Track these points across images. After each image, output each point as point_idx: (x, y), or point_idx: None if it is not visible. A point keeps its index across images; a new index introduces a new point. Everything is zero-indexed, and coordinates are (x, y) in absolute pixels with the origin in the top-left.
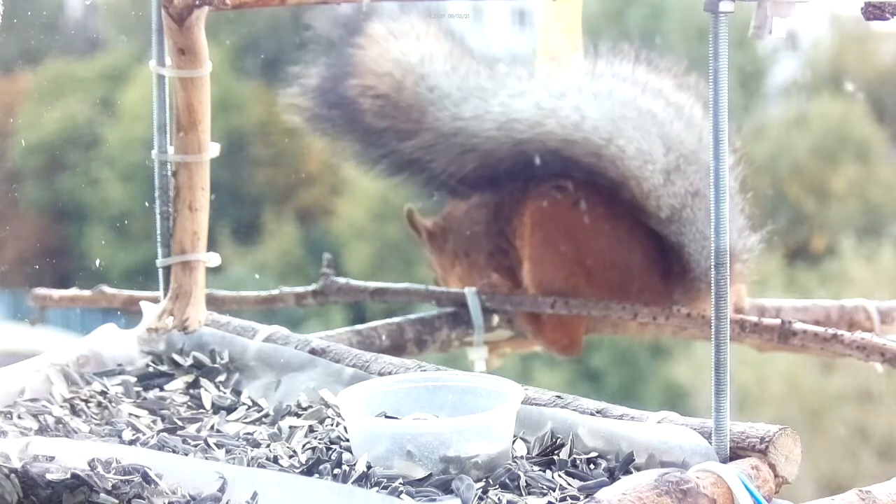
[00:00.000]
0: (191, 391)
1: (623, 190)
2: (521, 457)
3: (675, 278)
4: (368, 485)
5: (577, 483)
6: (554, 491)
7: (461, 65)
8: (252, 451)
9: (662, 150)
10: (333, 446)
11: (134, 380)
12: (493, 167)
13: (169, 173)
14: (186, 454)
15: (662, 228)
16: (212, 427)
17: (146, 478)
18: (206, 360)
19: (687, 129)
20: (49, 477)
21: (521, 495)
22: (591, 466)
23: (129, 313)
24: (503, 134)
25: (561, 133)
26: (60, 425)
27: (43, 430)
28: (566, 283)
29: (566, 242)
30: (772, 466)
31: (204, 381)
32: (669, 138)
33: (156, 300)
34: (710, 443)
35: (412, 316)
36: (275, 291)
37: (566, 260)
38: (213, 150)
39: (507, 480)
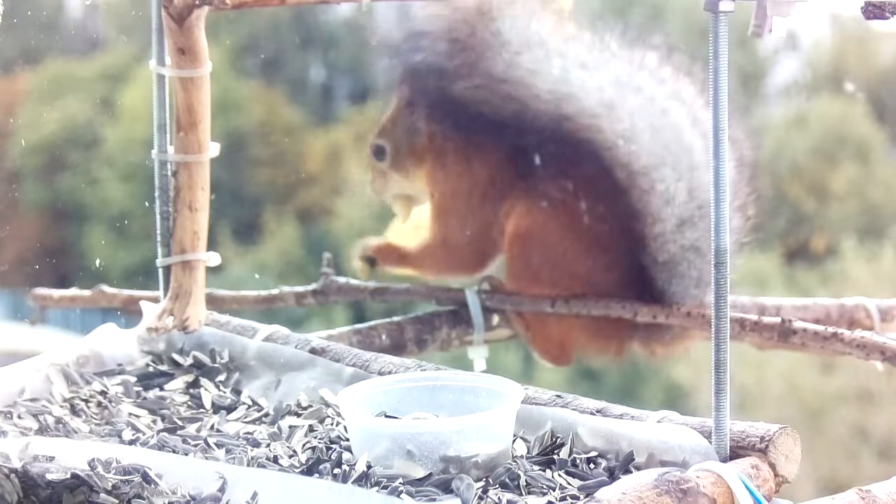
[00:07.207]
0: (191, 391)
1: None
2: (521, 456)
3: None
4: (368, 484)
5: (577, 482)
6: (554, 490)
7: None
8: (252, 450)
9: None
10: (333, 446)
11: (134, 379)
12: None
13: (169, 173)
14: (186, 454)
15: (629, 198)
16: (212, 427)
17: (146, 478)
18: (206, 359)
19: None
20: (49, 477)
21: (521, 495)
22: (591, 466)
23: (129, 313)
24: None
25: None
26: (60, 425)
27: (43, 430)
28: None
29: (540, 255)
30: (772, 466)
31: (204, 381)
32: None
33: (156, 300)
34: (710, 442)
35: (412, 315)
36: (275, 291)
37: (540, 274)
38: (213, 149)
39: (507, 480)
